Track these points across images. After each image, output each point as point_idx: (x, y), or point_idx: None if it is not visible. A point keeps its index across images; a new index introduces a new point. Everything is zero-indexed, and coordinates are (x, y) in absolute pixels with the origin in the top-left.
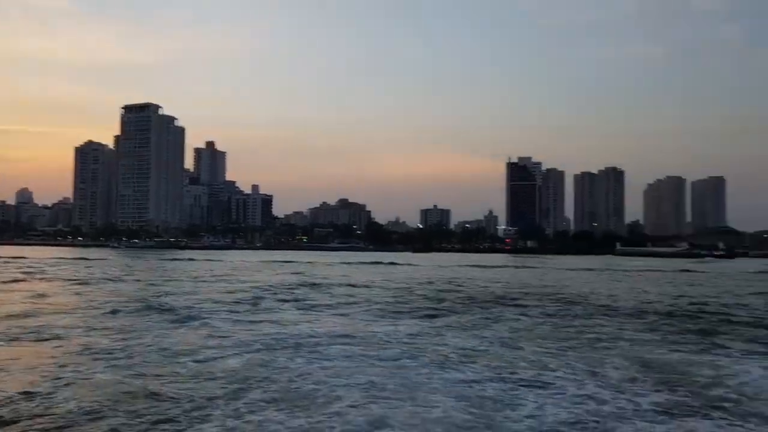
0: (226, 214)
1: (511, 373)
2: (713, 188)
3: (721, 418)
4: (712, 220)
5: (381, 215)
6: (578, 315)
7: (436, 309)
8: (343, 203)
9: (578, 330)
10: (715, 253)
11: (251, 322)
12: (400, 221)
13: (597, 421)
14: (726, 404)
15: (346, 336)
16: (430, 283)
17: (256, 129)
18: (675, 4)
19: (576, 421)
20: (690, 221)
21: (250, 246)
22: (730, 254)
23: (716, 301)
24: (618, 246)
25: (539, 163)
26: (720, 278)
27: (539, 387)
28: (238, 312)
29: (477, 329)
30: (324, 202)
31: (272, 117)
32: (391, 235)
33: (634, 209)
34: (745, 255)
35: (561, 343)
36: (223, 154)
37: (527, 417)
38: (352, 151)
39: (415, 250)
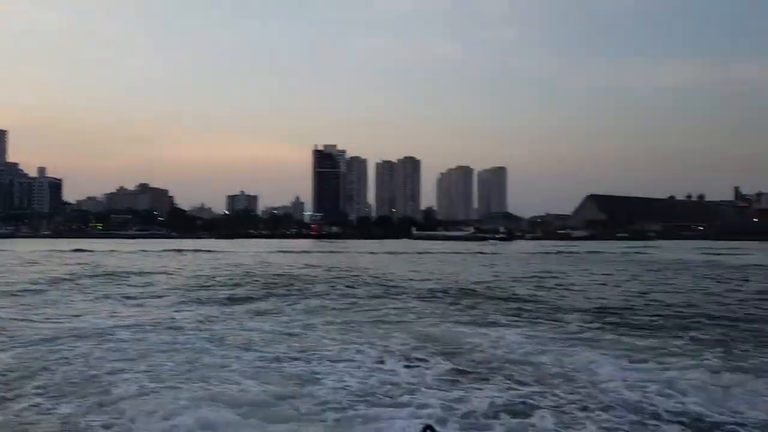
0: (8, 200)
1: (312, 353)
2: (496, 178)
3: (500, 380)
4: (496, 206)
5: (185, 201)
6: (375, 296)
7: (236, 295)
8: (144, 188)
9: (373, 308)
10: (497, 235)
11: (34, 314)
12: (206, 207)
13: (390, 389)
14: (494, 364)
15: (140, 325)
16: (236, 266)
17: (43, 107)
18: (469, 4)
19: (372, 392)
20: (477, 207)
21: (36, 234)
22: (509, 237)
23: (494, 279)
24: (414, 230)
25: (344, 152)
26: (498, 258)
27: (339, 362)
28: (18, 305)
29: (277, 314)
30: (122, 187)
31: (63, 95)
32: (195, 222)
33: (429, 196)
34: (522, 237)
35: (357, 321)
36: (3, 133)
37: (329, 389)
38: (154, 135)
39: (220, 237)
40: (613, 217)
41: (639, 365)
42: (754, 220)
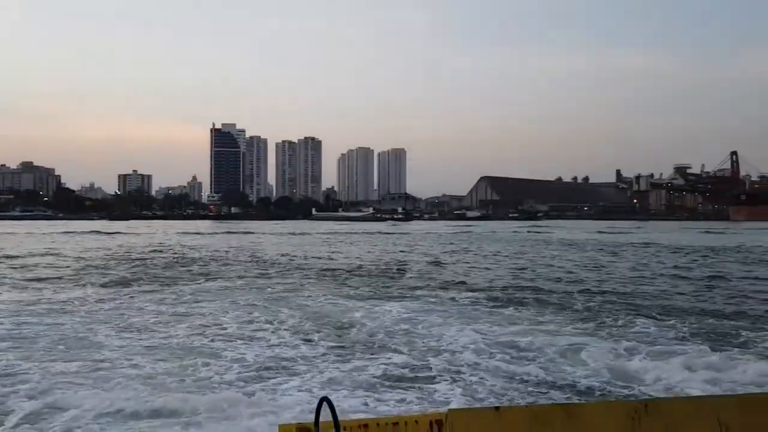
0: None
1: (210, 331)
2: (396, 159)
3: (387, 351)
4: (395, 187)
5: (74, 181)
6: (272, 275)
7: (129, 278)
8: (27, 166)
9: (269, 286)
10: (396, 216)
11: None
12: (96, 187)
13: (286, 363)
14: (378, 337)
15: (22, 310)
16: (128, 248)
17: None
18: None
19: (269, 366)
20: (377, 188)
21: None
22: (407, 217)
23: (392, 258)
24: (314, 211)
25: (243, 131)
26: (396, 238)
27: (239, 339)
28: None
29: (173, 294)
30: (2, 165)
31: None
32: (85, 202)
33: (330, 176)
34: (420, 218)
35: (254, 299)
36: None
37: (231, 362)
38: (37, 110)
39: (112, 218)
40: (505, 197)
41: (510, 329)
42: (633, 200)
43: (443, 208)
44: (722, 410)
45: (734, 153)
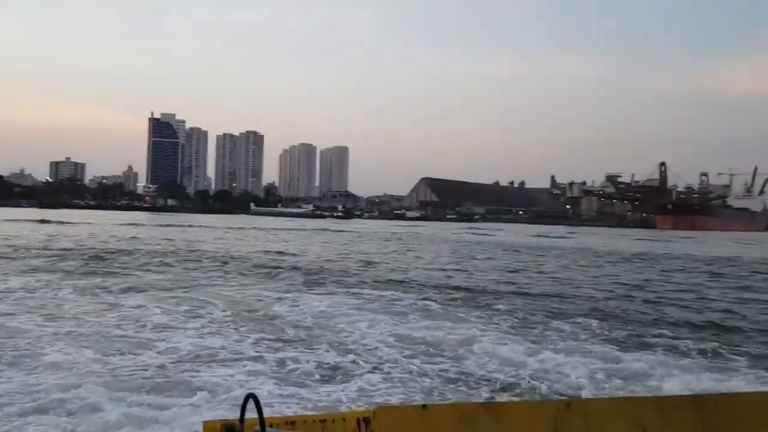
0: None
1: (143, 325)
2: (339, 157)
3: (305, 344)
4: (337, 185)
5: (1, 166)
6: (203, 268)
7: (58, 268)
8: None
9: (200, 278)
10: (335, 213)
11: None
12: (26, 173)
13: (213, 356)
14: (305, 331)
15: None
16: (57, 238)
17: None
18: None
19: (196, 359)
20: (318, 185)
21: None
22: (347, 215)
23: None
24: (252, 206)
25: (183, 122)
26: (335, 236)
27: (165, 331)
28: None
29: (104, 287)
30: None
31: None
32: (13, 189)
33: (271, 172)
34: (360, 216)
35: (185, 292)
36: None
37: (156, 355)
38: None
39: (42, 206)
40: (444, 199)
41: (433, 326)
42: (566, 206)
43: (384, 208)
44: (641, 411)
45: (663, 164)
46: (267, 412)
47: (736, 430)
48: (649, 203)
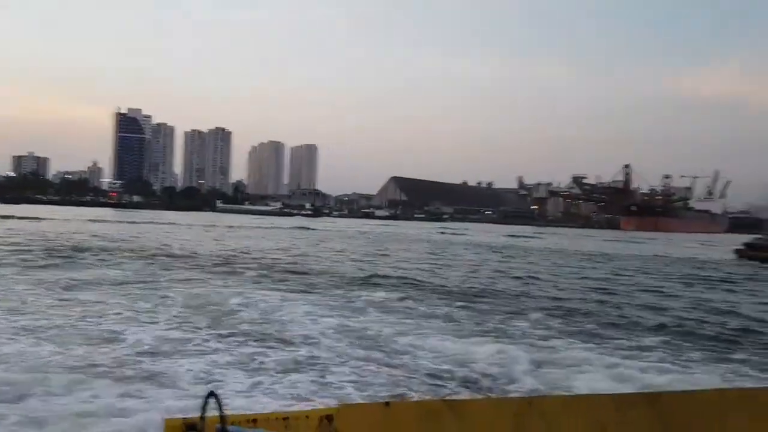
0: None
1: (102, 319)
2: (308, 154)
3: (258, 338)
4: (306, 183)
5: None
6: (164, 265)
7: (17, 263)
8: None
9: (152, 274)
10: (303, 212)
11: None
12: None
13: (175, 347)
14: (266, 322)
15: None
16: (15, 232)
17: None
18: None
19: (159, 348)
20: (287, 183)
21: None
22: (316, 213)
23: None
24: (219, 203)
25: (150, 117)
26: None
27: (124, 324)
28: None
29: (66, 281)
30: None
31: None
32: None
33: (239, 169)
34: (329, 214)
35: (142, 288)
36: None
37: (118, 347)
38: None
39: (4, 201)
40: (413, 198)
41: (394, 322)
42: (532, 206)
43: (353, 206)
44: (599, 408)
45: (627, 166)
46: (229, 409)
47: (690, 426)
48: (614, 204)
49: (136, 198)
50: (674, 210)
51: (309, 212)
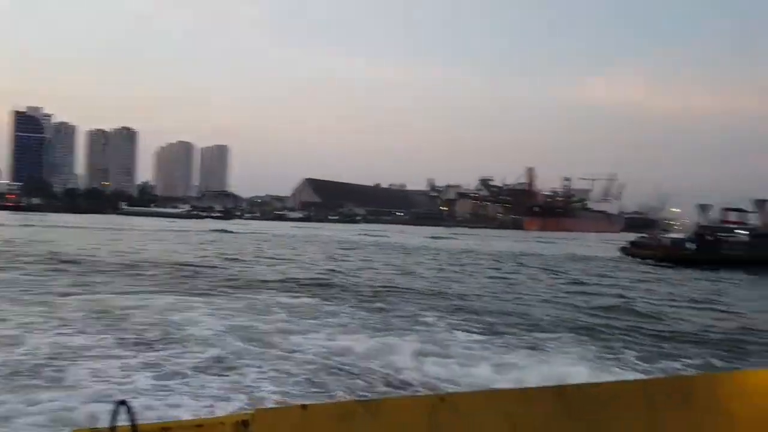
0: None
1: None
2: (219, 155)
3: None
4: (217, 185)
5: None
6: (60, 270)
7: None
8: None
9: (55, 280)
10: (213, 214)
11: None
12: None
13: (79, 352)
14: (169, 325)
15: None
16: None
17: None
18: None
19: (61, 353)
20: (198, 185)
21: None
22: (227, 215)
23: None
24: (124, 205)
25: (50, 116)
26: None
27: (22, 328)
28: None
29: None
30: None
31: None
32: None
33: (146, 170)
34: (240, 217)
35: (42, 293)
36: None
37: (18, 352)
38: None
39: None
40: (326, 200)
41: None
42: (442, 208)
43: (265, 208)
44: (509, 402)
45: (531, 168)
46: (140, 418)
47: (595, 417)
48: (519, 206)
49: (35, 200)
50: (574, 211)
51: (219, 214)
